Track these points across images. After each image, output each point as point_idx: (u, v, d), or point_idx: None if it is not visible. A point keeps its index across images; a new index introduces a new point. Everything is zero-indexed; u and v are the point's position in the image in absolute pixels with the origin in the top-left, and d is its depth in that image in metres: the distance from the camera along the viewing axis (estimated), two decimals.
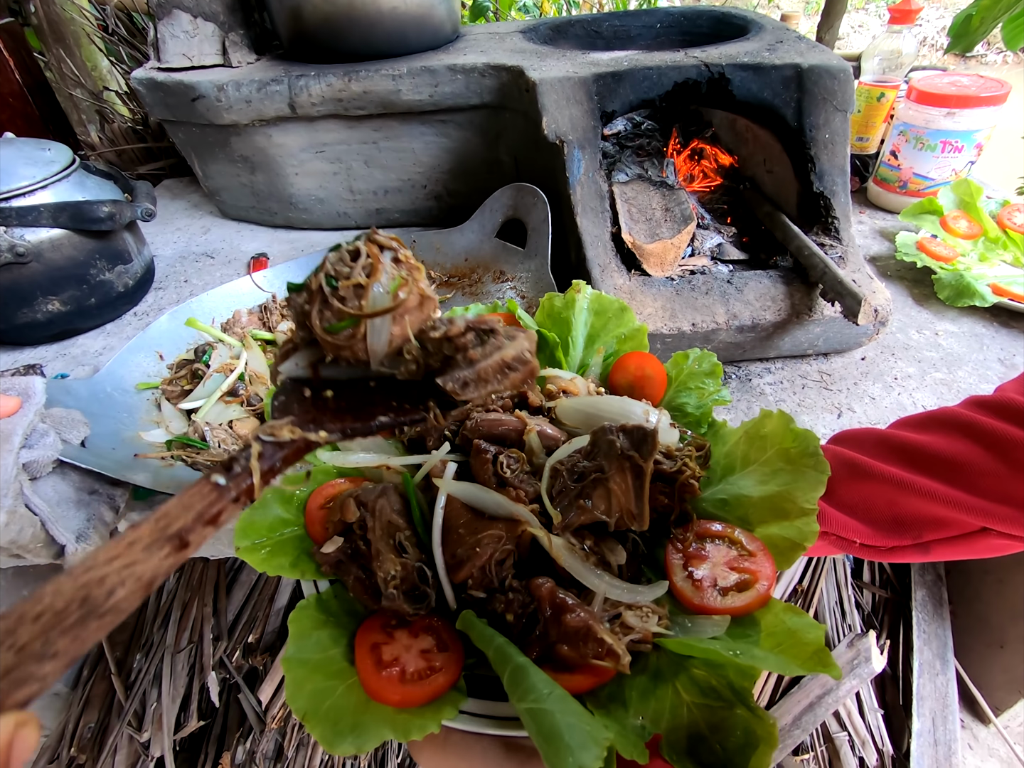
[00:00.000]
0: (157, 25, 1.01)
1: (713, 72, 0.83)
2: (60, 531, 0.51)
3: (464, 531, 0.39)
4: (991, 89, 0.99)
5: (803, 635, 0.34)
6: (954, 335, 0.84)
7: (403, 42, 0.99)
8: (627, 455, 0.38)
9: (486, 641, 0.36)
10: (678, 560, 0.40)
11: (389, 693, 0.34)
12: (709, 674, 0.34)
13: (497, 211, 0.95)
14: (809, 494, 0.39)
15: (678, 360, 0.54)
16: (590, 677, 0.35)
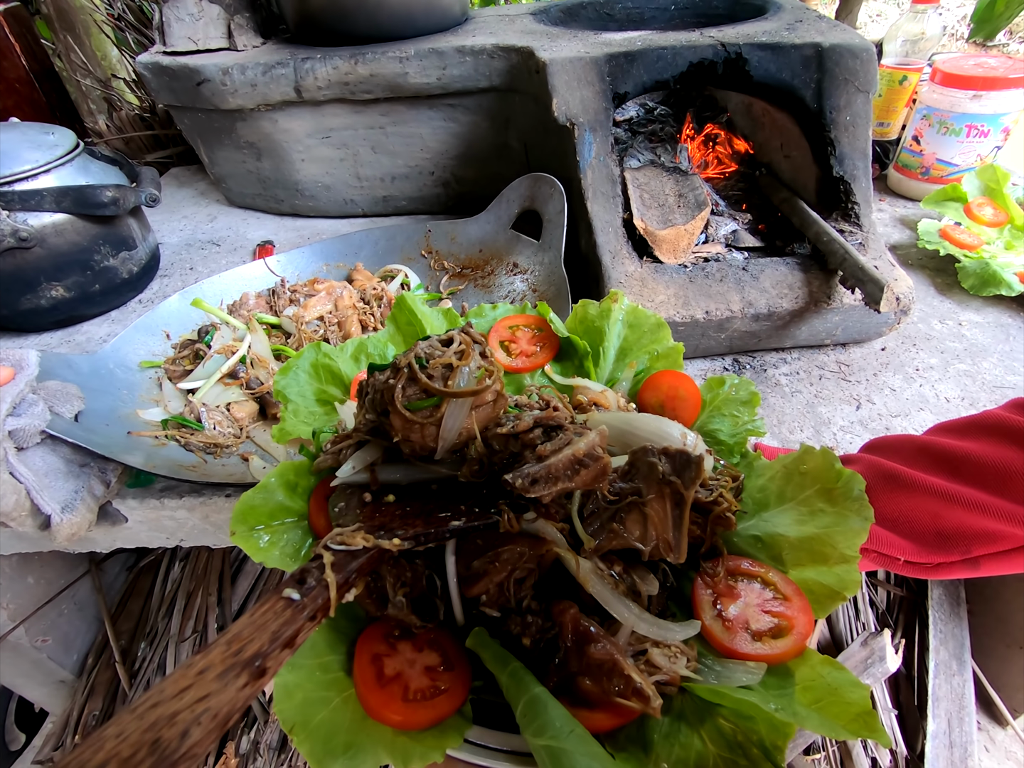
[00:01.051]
0: (163, 8, 1.00)
1: (730, 52, 0.81)
2: (45, 500, 0.50)
3: (483, 542, 0.37)
4: (1020, 71, 0.95)
5: (845, 693, 0.31)
6: (979, 325, 0.81)
7: (411, 24, 0.97)
8: (668, 480, 0.36)
9: (500, 664, 0.33)
10: (708, 596, 0.38)
11: (390, 712, 0.32)
12: (737, 727, 0.31)
13: (514, 201, 0.93)
14: (852, 540, 0.37)
15: (712, 384, 0.51)
16: (612, 716, 0.33)
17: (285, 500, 0.41)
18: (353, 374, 0.51)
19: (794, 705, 0.31)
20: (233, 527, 0.37)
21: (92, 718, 0.87)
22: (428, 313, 0.54)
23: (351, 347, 0.52)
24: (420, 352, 0.36)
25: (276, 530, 0.39)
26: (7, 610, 0.83)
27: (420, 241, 0.97)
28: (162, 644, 0.92)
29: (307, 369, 0.49)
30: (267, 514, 0.39)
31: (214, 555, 1.02)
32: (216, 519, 0.65)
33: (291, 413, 0.47)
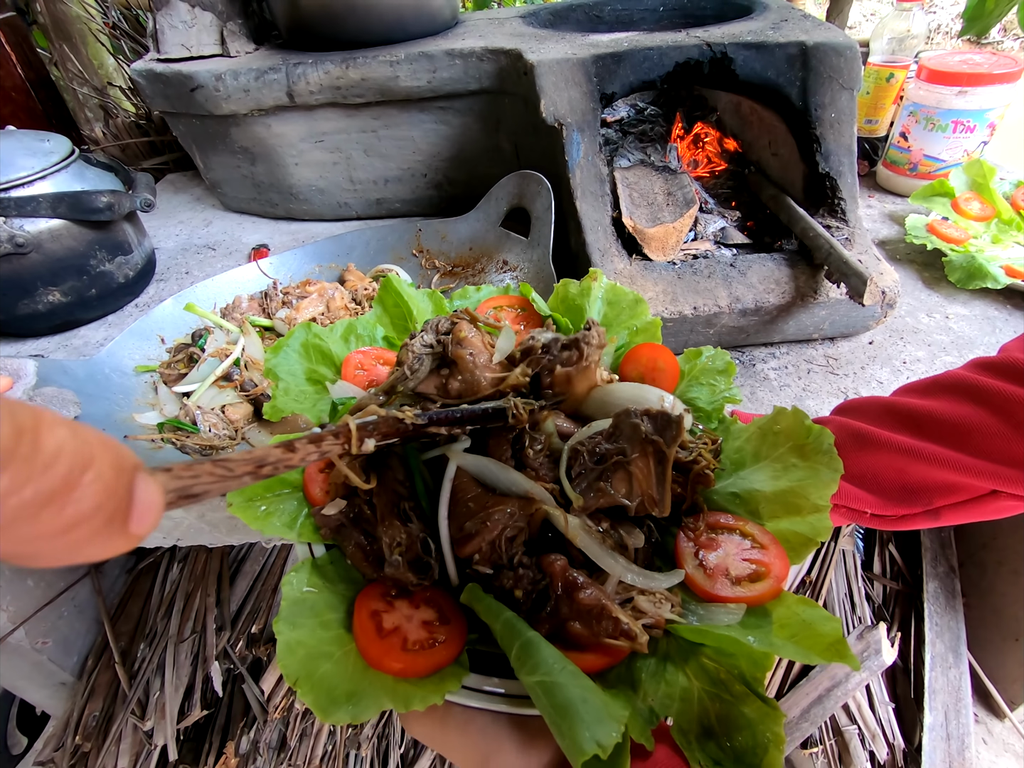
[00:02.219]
0: (156, 16, 1.01)
1: (715, 51, 0.82)
2: None
3: (474, 505, 0.39)
4: (1004, 66, 0.96)
5: (819, 627, 0.33)
6: (965, 318, 0.81)
7: (401, 28, 0.98)
8: (651, 439, 0.38)
9: (493, 615, 0.35)
10: (689, 548, 0.40)
11: (390, 661, 0.33)
12: (720, 664, 0.33)
13: (502, 199, 0.94)
14: (822, 491, 0.39)
15: (690, 356, 0.53)
16: (601, 657, 0.35)
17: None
18: (343, 354, 0.52)
19: (771, 638, 0.33)
20: (230, 499, 0.38)
21: (92, 719, 0.88)
22: (414, 295, 0.56)
23: (341, 328, 0.53)
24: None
25: (272, 500, 0.41)
26: (7, 612, 0.84)
27: (411, 240, 0.98)
28: (161, 644, 0.92)
29: (297, 349, 0.50)
30: (263, 486, 0.40)
31: (212, 556, 1.03)
32: (212, 518, 0.66)
33: (282, 391, 0.48)
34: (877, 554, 1.22)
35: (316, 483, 0.42)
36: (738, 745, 0.31)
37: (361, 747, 0.91)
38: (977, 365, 0.50)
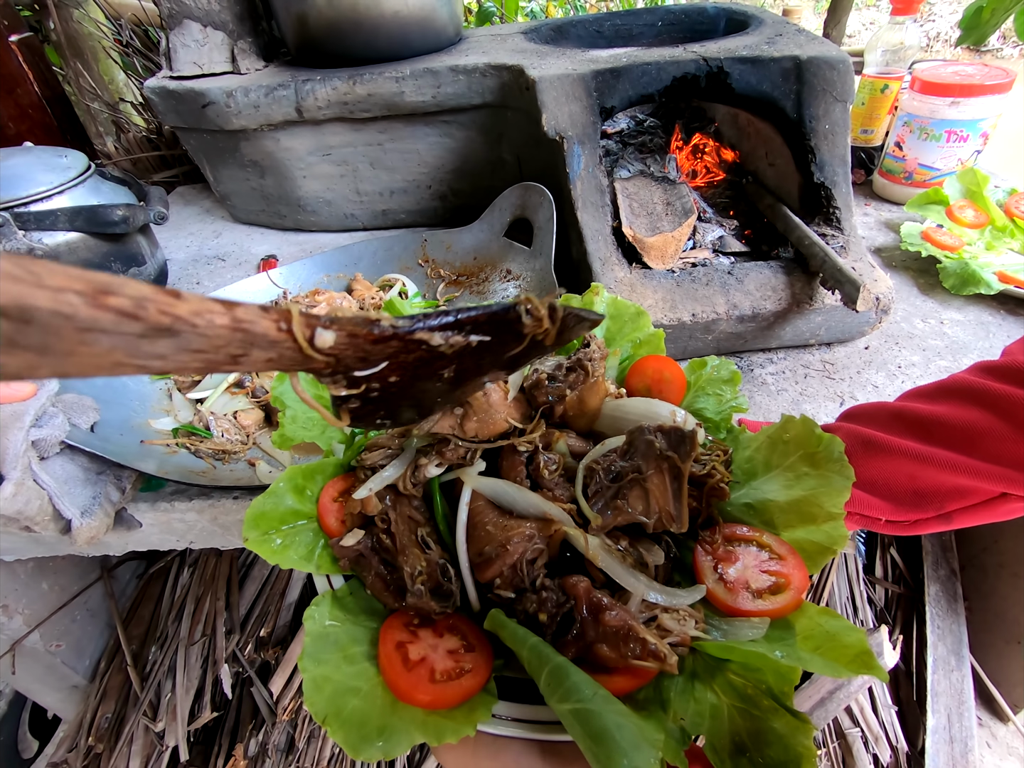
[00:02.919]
0: (169, 35, 1.04)
1: (711, 66, 0.84)
2: (66, 506, 0.53)
3: (492, 528, 0.38)
4: (996, 77, 0.98)
5: (843, 638, 0.33)
6: (960, 323, 0.83)
7: (406, 45, 1.01)
8: (666, 456, 0.38)
9: (519, 641, 0.34)
10: (708, 562, 0.40)
11: (419, 693, 0.33)
12: (746, 680, 0.33)
13: (506, 210, 0.96)
14: (836, 499, 0.39)
15: (695, 366, 0.54)
16: (630, 679, 0.34)
17: (295, 504, 0.42)
18: None
19: (797, 652, 0.33)
20: (246, 533, 0.38)
21: (105, 720, 0.89)
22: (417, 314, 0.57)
23: None
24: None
25: (288, 533, 0.40)
26: (23, 615, 0.86)
27: (417, 251, 1.01)
28: (172, 647, 0.94)
29: (304, 375, 0.50)
30: (278, 518, 0.40)
31: (222, 561, 1.05)
32: (224, 520, 0.68)
33: (289, 419, 0.47)
34: (879, 558, 1.23)
35: (331, 513, 0.42)
36: (770, 760, 0.30)
37: None
38: (981, 369, 0.51)
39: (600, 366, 0.46)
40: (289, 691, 0.92)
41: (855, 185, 1.21)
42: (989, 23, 1.91)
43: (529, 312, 0.30)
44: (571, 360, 0.47)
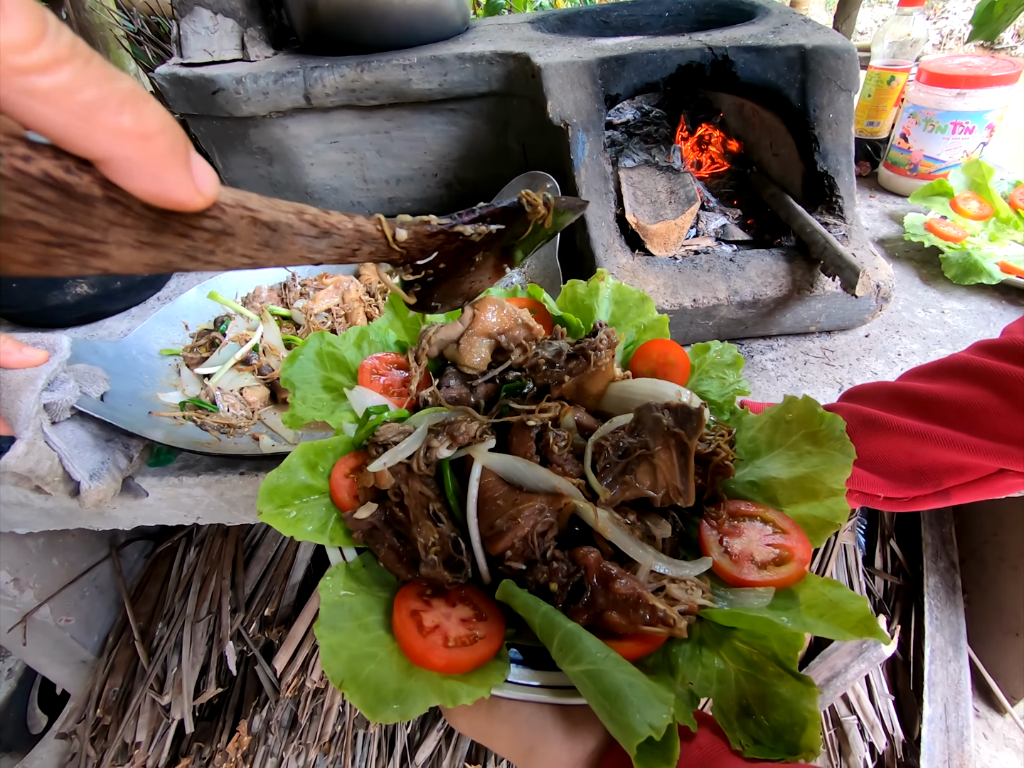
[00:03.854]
0: (180, 22, 1.06)
1: (716, 55, 0.84)
2: (76, 468, 0.55)
3: (503, 503, 0.39)
4: (1002, 69, 0.98)
5: (846, 605, 0.34)
6: (961, 313, 0.83)
7: (414, 33, 1.02)
8: (673, 432, 0.39)
9: (530, 609, 0.35)
10: (713, 536, 0.41)
11: (434, 658, 0.33)
12: (752, 647, 0.34)
13: (512, 198, 0.97)
14: (838, 475, 0.40)
15: (698, 350, 0.55)
16: (640, 644, 0.35)
17: (308, 479, 0.42)
18: (357, 361, 0.53)
19: (803, 618, 0.34)
20: (260, 507, 0.39)
21: (112, 694, 0.91)
22: None
23: (353, 335, 0.54)
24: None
25: (301, 507, 0.41)
26: (33, 589, 0.88)
27: None
28: (178, 624, 0.96)
29: (312, 357, 0.51)
30: (291, 493, 0.41)
31: (228, 541, 1.07)
32: (231, 496, 0.69)
33: (299, 400, 0.48)
34: (878, 549, 1.24)
35: (343, 489, 0.42)
36: (776, 723, 0.31)
37: (369, 726, 0.94)
38: (981, 348, 0.52)
39: (607, 355, 0.46)
40: (292, 668, 0.93)
41: (860, 177, 1.21)
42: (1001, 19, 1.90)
43: (530, 203, 0.42)
44: (575, 347, 0.48)
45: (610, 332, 0.48)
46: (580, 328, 0.57)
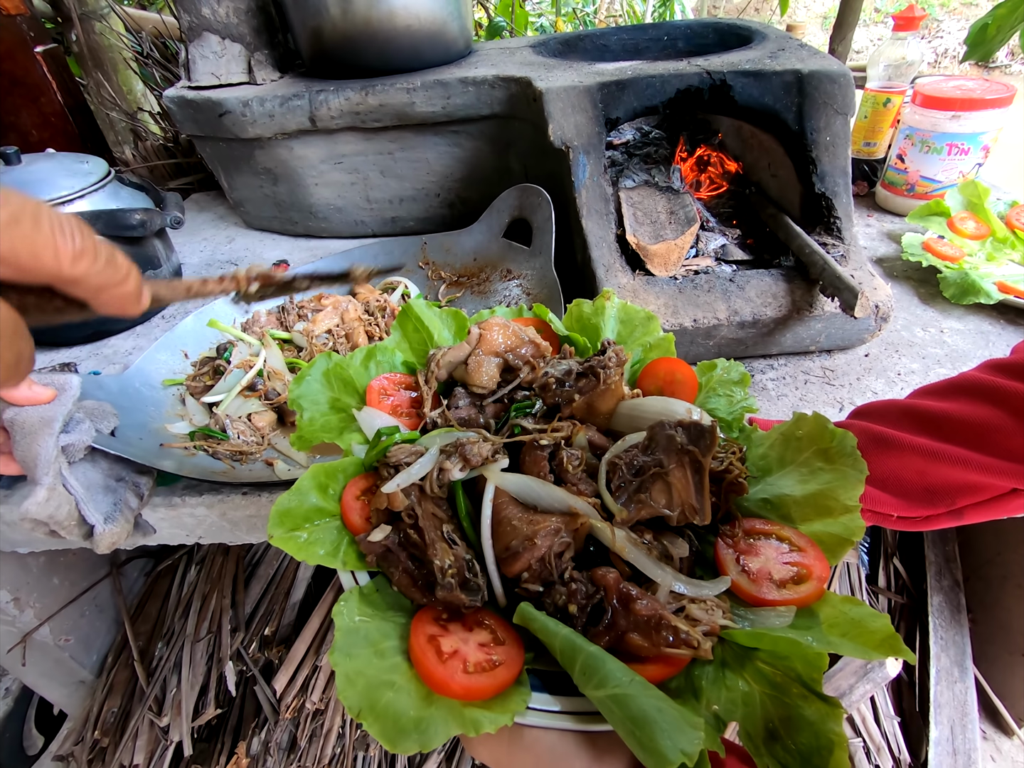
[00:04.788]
0: (188, 47, 1.08)
1: (715, 79, 0.86)
2: (91, 512, 0.54)
3: (518, 523, 0.39)
4: (996, 92, 0.99)
5: (869, 623, 0.34)
6: (960, 332, 0.84)
7: (418, 58, 1.04)
8: (687, 450, 0.39)
9: (550, 632, 0.35)
10: (730, 555, 0.40)
11: (455, 685, 0.33)
12: (775, 668, 0.34)
13: (504, 212, 0.99)
14: (851, 492, 0.40)
15: (705, 368, 0.55)
16: (663, 667, 0.35)
17: (319, 501, 0.42)
18: (364, 381, 0.52)
19: (827, 637, 0.34)
20: (271, 531, 0.39)
21: (111, 715, 0.90)
22: (434, 317, 0.57)
23: (360, 355, 0.53)
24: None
25: (312, 530, 0.41)
26: (33, 609, 0.88)
27: (417, 254, 1.03)
28: (178, 644, 0.95)
29: (319, 378, 0.50)
30: (302, 516, 0.41)
31: (229, 559, 1.06)
32: (233, 516, 0.70)
33: (307, 421, 0.48)
34: (882, 567, 1.23)
35: (355, 511, 0.42)
36: (802, 746, 0.31)
37: (369, 748, 0.93)
38: (992, 367, 0.52)
39: (616, 373, 0.47)
40: (292, 689, 0.93)
41: (858, 197, 1.23)
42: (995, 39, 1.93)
43: (353, 274, 0.52)
44: (584, 366, 0.48)
45: (619, 350, 0.48)
46: (587, 347, 0.57)
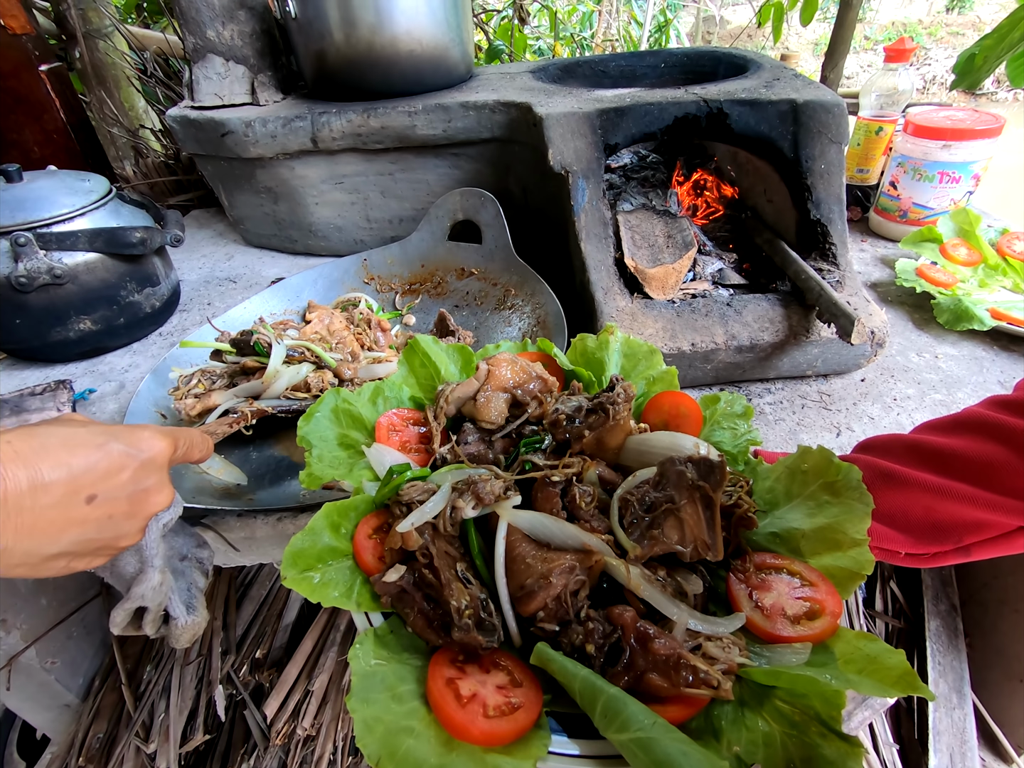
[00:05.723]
0: (192, 67, 1.09)
1: (712, 107, 0.88)
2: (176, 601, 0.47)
3: (532, 561, 0.39)
4: (986, 123, 1.02)
5: (885, 660, 0.34)
6: (954, 358, 0.85)
7: (419, 82, 1.05)
8: (697, 485, 0.39)
9: (569, 674, 0.34)
10: (743, 590, 0.40)
11: (475, 730, 0.33)
12: (794, 706, 0.34)
13: (443, 217, 1.03)
14: (859, 525, 0.41)
15: (708, 401, 0.55)
16: (682, 708, 0.35)
17: (331, 541, 0.42)
18: (373, 417, 0.52)
19: (844, 675, 0.34)
20: (284, 572, 0.39)
21: (96, 740, 0.88)
22: (441, 352, 0.58)
23: (368, 391, 0.54)
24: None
25: (325, 571, 0.40)
26: (20, 630, 0.86)
27: (359, 271, 1.05)
28: (167, 667, 0.93)
29: (328, 415, 0.51)
30: (315, 556, 0.41)
31: (220, 580, 1.05)
32: (230, 537, 0.69)
33: (316, 459, 0.48)
34: (879, 591, 1.23)
35: (367, 550, 0.42)
36: None
37: None
38: (996, 403, 0.52)
39: (624, 408, 0.47)
40: (284, 714, 0.91)
41: (852, 222, 1.25)
42: (982, 69, 1.97)
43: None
44: (594, 403, 0.48)
45: (627, 386, 0.48)
46: (592, 381, 0.57)
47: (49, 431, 0.36)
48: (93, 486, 0.36)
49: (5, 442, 0.33)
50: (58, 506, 0.35)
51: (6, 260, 0.81)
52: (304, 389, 0.74)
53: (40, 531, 0.34)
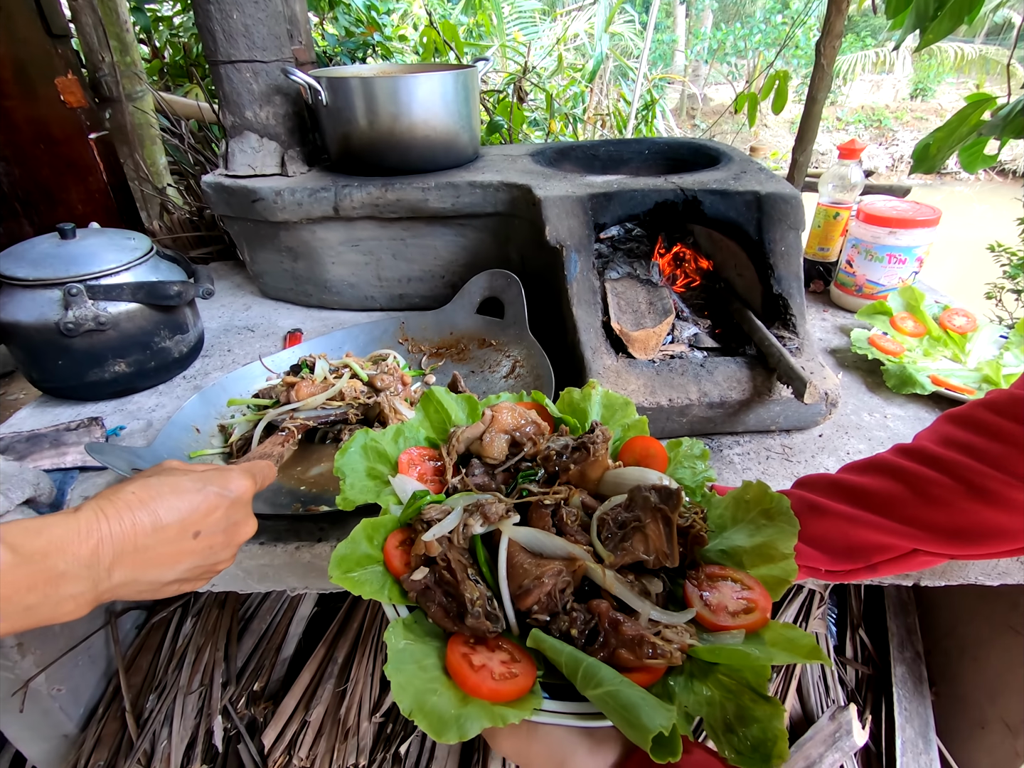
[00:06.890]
0: (229, 141, 1.22)
1: (687, 195, 1.01)
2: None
3: (528, 567, 0.49)
4: (925, 214, 1.17)
5: (799, 640, 0.45)
6: (900, 418, 0.96)
7: (432, 162, 1.19)
8: (659, 507, 0.50)
9: (557, 651, 0.44)
10: (695, 592, 0.51)
11: (485, 688, 0.42)
12: (731, 678, 0.43)
13: (475, 293, 1.15)
14: (788, 543, 0.52)
15: (672, 445, 0.67)
16: (644, 675, 0.44)
17: (368, 549, 0.52)
18: (395, 453, 0.63)
19: (768, 650, 0.45)
20: (331, 572, 0.49)
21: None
22: (451, 401, 0.69)
23: (391, 432, 0.65)
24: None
25: (362, 572, 0.51)
26: (34, 655, 0.90)
27: (396, 332, 1.16)
28: (170, 696, 0.97)
29: (358, 451, 0.61)
30: (355, 561, 0.51)
31: (224, 612, 1.09)
32: (248, 565, 0.75)
33: (349, 486, 0.59)
34: (849, 638, 1.29)
35: (395, 558, 0.52)
36: (753, 738, 0.40)
37: None
38: (898, 450, 0.64)
39: (602, 447, 0.59)
40: (280, 744, 0.94)
41: (816, 294, 1.39)
42: (936, 157, 2.18)
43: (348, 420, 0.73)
44: (578, 442, 0.60)
45: (604, 430, 0.60)
46: (577, 427, 0.68)
47: (161, 481, 0.47)
48: (197, 524, 0.47)
49: (130, 492, 0.44)
50: (173, 542, 0.45)
51: (57, 308, 0.91)
52: (339, 399, 0.86)
53: (160, 563, 0.45)
